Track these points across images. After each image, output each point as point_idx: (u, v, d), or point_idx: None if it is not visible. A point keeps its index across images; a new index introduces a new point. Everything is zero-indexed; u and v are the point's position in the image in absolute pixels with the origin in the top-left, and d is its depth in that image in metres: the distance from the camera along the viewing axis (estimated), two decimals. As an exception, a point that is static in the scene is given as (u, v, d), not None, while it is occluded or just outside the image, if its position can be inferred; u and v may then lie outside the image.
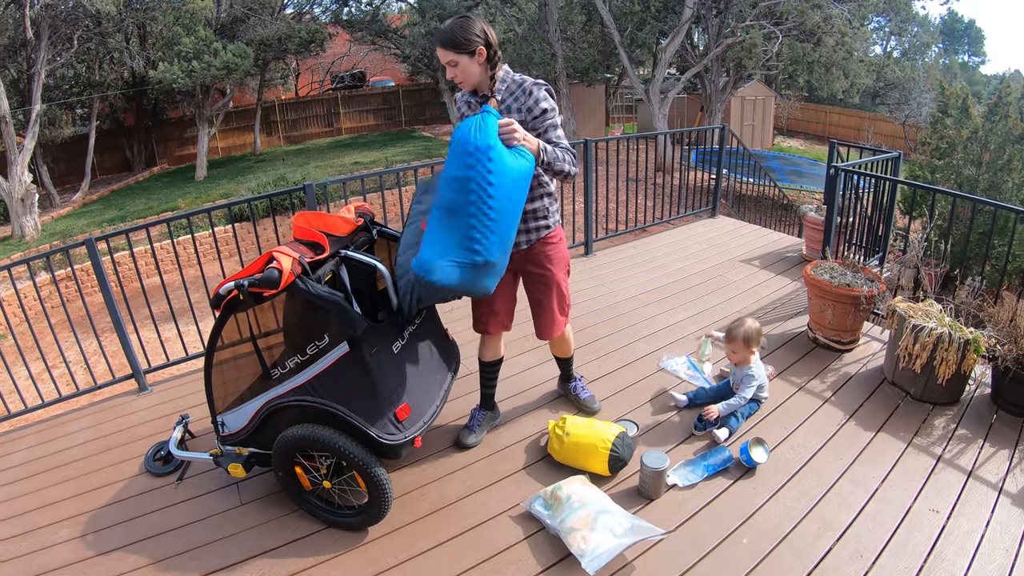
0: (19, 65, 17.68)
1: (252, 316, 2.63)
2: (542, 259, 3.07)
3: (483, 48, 2.67)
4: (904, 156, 6.33)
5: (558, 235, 3.11)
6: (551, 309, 3.16)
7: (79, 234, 15.69)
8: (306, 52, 22.88)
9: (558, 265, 3.10)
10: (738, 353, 3.48)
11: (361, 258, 2.81)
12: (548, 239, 3.05)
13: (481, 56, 2.68)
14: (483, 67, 2.73)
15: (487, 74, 2.76)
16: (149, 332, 5.03)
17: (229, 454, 2.94)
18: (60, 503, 3.29)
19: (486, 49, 2.69)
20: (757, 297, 5.12)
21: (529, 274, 3.12)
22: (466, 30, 2.65)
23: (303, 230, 2.75)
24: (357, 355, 2.52)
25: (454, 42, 2.65)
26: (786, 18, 17.10)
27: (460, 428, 3.50)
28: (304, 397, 2.62)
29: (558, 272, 3.11)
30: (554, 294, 3.13)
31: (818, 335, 4.30)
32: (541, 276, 3.10)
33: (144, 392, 4.43)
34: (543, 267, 3.08)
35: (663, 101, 18.65)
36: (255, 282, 2.42)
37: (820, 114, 30.20)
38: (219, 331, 2.68)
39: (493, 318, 3.22)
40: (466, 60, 2.68)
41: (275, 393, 2.68)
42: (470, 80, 2.76)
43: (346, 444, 2.57)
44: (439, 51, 2.69)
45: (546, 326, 3.21)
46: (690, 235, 6.84)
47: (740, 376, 3.51)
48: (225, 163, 24.24)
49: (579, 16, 21.80)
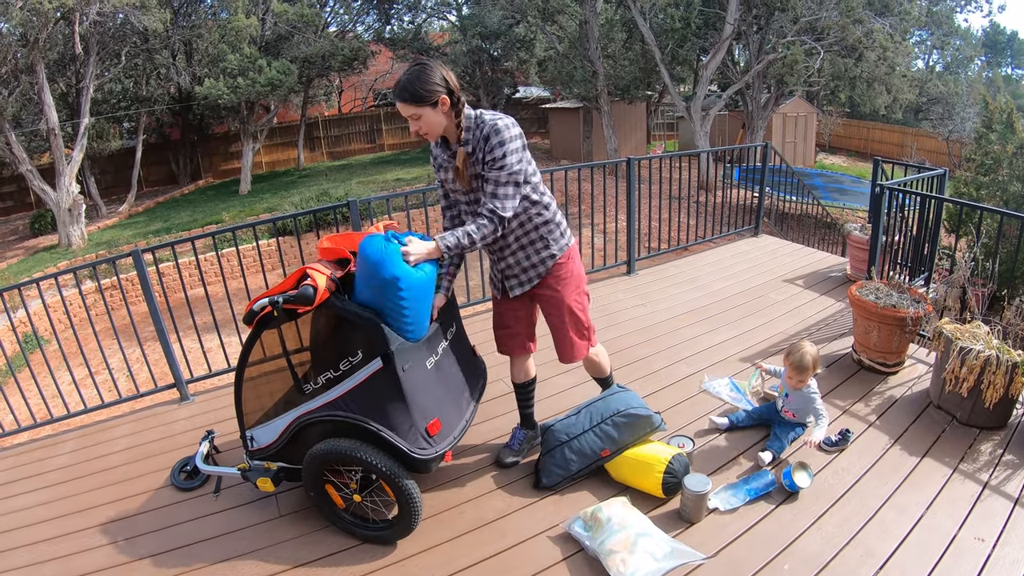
0: (68, 79, 18.16)
1: (284, 332, 2.65)
2: (551, 280, 3.00)
3: (445, 96, 2.58)
4: (949, 173, 6.20)
5: (568, 255, 3.02)
6: (564, 332, 3.07)
7: (124, 244, 16.04)
8: (349, 69, 23.11)
9: (568, 285, 3.01)
10: (795, 378, 3.38)
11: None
12: (557, 263, 2.98)
13: (444, 105, 2.59)
14: (447, 115, 2.63)
15: (452, 121, 2.67)
16: (192, 342, 5.11)
17: (257, 468, 2.96)
18: (99, 508, 3.35)
19: (448, 97, 2.59)
20: (801, 318, 5.03)
21: (540, 297, 3.07)
22: (425, 81, 2.54)
23: (329, 250, 2.75)
24: (390, 371, 2.52)
25: (414, 95, 2.55)
26: (827, 33, 16.94)
27: (500, 446, 3.48)
28: (336, 412, 2.63)
29: (568, 294, 3.01)
30: (566, 316, 3.04)
31: (863, 357, 4.21)
32: (550, 298, 3.02)
33: (186, 402, 4.50)
34: (552, 288, 3.00)
35: (705, 118, 18.55)
36: (290, 299, 2.44)
37: (862, 130, 29.78)
38: (251, 347, 2.71)
39: (513, 340, 3.20)
40: (429, 111, 2.59)
41: (307, 408, 2.70)
42: (435, 131, 2.67)
43: (375, 456, 2.58)
44: (399, 105, 2.59)
45: (562, 350, 3.13)
46: (733, 254, 6.77)
47: (799, 400, 3.41)
48: (269, 178, 24.65)
49: (620, 34, 21.79)
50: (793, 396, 3.44)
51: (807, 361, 3.33)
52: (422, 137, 2.72)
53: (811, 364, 3.33)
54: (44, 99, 15.41)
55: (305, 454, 2.72)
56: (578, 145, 24.13)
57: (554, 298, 3.02)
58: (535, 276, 2.98)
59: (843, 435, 3.37)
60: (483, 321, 5.16)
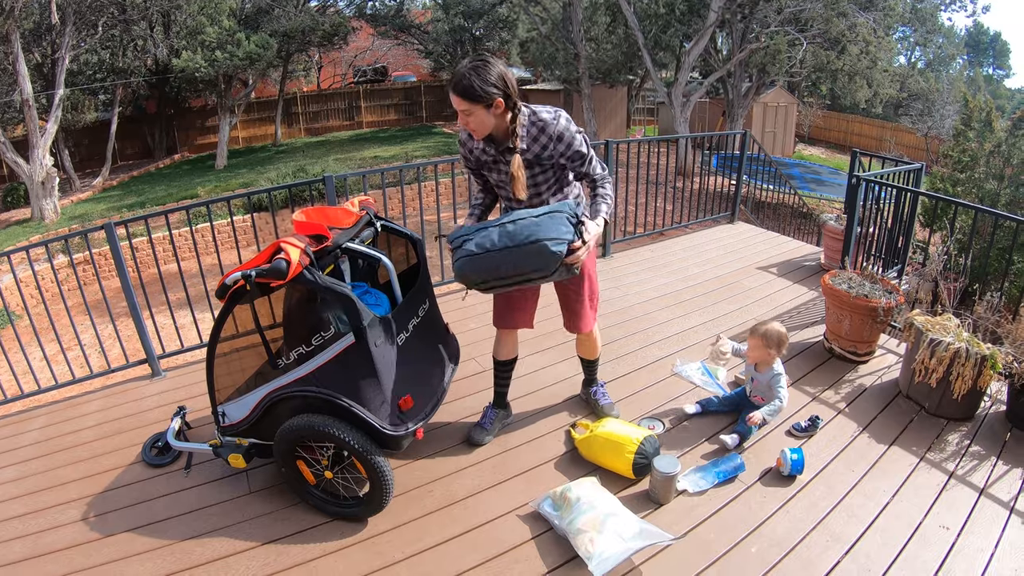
0: (44, 49, 17.80)
1: (256, 307, 2.64)
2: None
3: (501, 100, 2.52)
4: (926, 168, 6.27)
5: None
6: (581, 303, 3.13)
7: (98, 218, 15.82)
8: (329, 45, 22.96)
9: (588, 258, 3.06)
10: (757, 351, 3.40)
11: (365, 251, 2.81)
12: None
13: (499, 108, 2.54)
14: (500, 117, 2.59)
15: (507, 125, 2.64)
16: (164, 318, 5.07)
17: (229, 444, 2.95)
18: (69, 484, 3.31)
19: (504, 100, 2.54)
20: (773, 305, 5.07)
21: None
22: (484, 80, 2.47)
23: (304, 224, 2.74)
24: (362, 346, 2.52)
25: (469, 93, 2.48)
26: (811, 25, 17.01)
27: (472, 425, 3.49)
28: (308, 387, 2.62)
29: (588, 264, 3.07)
30: (584, 286, 3.09)
31: (834, 345, 4.25)
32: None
33: (157, 377, 4.46)
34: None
35: (685, 104, 18.59)
36: (263, 272, 2.43)
37: (842, 123, 29.99)
38: (223, 321, 2.69)
39: (513, 314, 3.19)
40: (482, 111, 2.53)
41: (278, 383, 2.69)
42: (484, 130, 2.62)
43: (347, 432, 2.58)
44: (452, 97, 2.54)
45: (576, 319, 3.18)
46: (708, 240, 6.79)
47: (764, 380, 3.44)
48: (245, 153, 24.42)
49: (603, 17, 21.77)
50: (758, 379, 3.47)
51: (766, 332, 3.37)
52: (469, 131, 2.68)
53: (774, 338, 3.37)
54: (18, 69, 15.12)
55: (277, 430, 2.71)
56: (558, 127, 24.01)
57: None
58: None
59: (812, 421, 3.42)
60: (453, 300, 5.18)
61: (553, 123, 2.66)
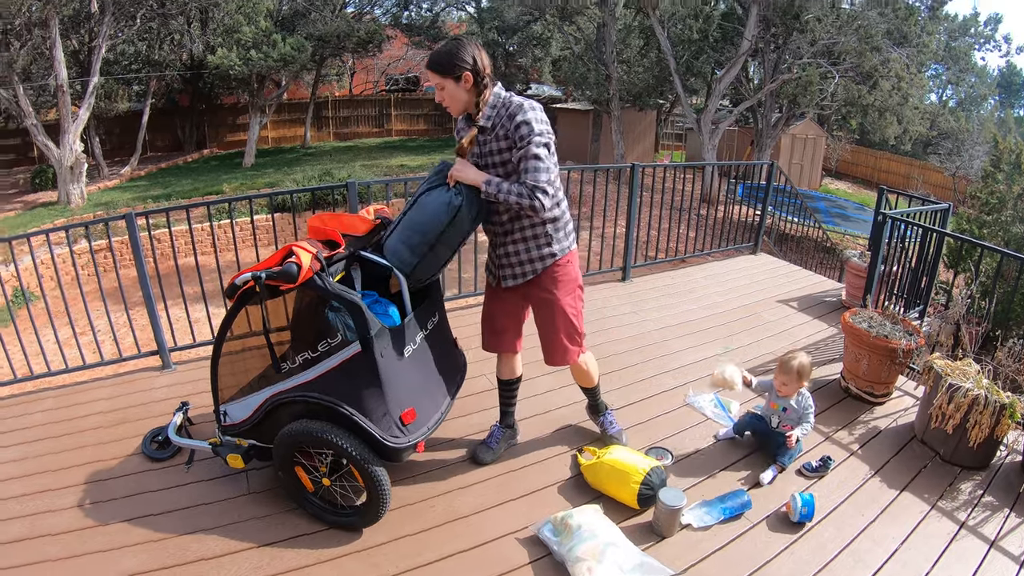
0: (81, 37, 18.08)
1: (265, 309, 2.63)
2: (547, 282, 2.96)
3: (469, 74, 2.65)
4: (952, 208, 6.18)
5: (568, 258, 2.99)
6: (555, 334, 3.04)
7: (123, 207, 15.96)
8: (363, 52, 23.08)
9: (563, 288, 2.98)
10: (791, 386, 3.35)
11: (377, 259, 2.77)
12: (556, 264, 2.95)
13: (467, 82, 2.67)
14: (470, 93, 2.70)
15: (474, 99, 2.73)
16: (179, 311, 5.07)
17: (229, 444, 2.94)
18: (71, 469, 3.33)
19: (473, 76, 2.66)
20: (792, 339, 5.00)
21: (533, 297, 3.04)
22: (454, 55, 2.64)
23: (318, 229, 2.74)
24: (368, 356, 2.50)
25: (439, 65, 2.66)
26: (843, 58, 16.93)
27: (477, 443, 3.44)
28: (310, 393, 2.61)
29: (563, 296, 2.98)
30: (558, 319, 3.01)
31: (851, 385, 4.18)
32: (544, 299, 3.00)
33: (167, 370, 4.47)
34: (547, 290, 2.97)
35: (714, 132, 18.55)
36: (273, 275, 2.42)
37: (870, 158, 29.74)
38: (231, 321, 2.69)
39: (496, 337, 3.19)
40: (451, 84, 2.67)
41: (281, 387, 2.67)
42: (456, 105, 2.74)
43: (347, 440, 2.56)
44: (428, 73, 2.71)
45: (549, 352, 3.11)
46: (730, 270, 6.74)
47: (796, 411, 3.37)
48: (273, 153, 24.62)
49: (637, 40, 21.79)
50: (791, 409, 3.40)
51: (792, 365, 3.32)
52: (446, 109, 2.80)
53: (803, 369, 3.31)
54: (55, 55, 15.36)
55: (277, 433, 2.69)
56: (585, 147, 24.11)
57: (548, 300, 2.99)
58: (530, 271, 2.94)
59: (824, 462, 3.35)
60: (472, 315, 5.14)
61: (519, 109, 2.67)
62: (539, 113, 2.69)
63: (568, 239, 2.98)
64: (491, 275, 3.12)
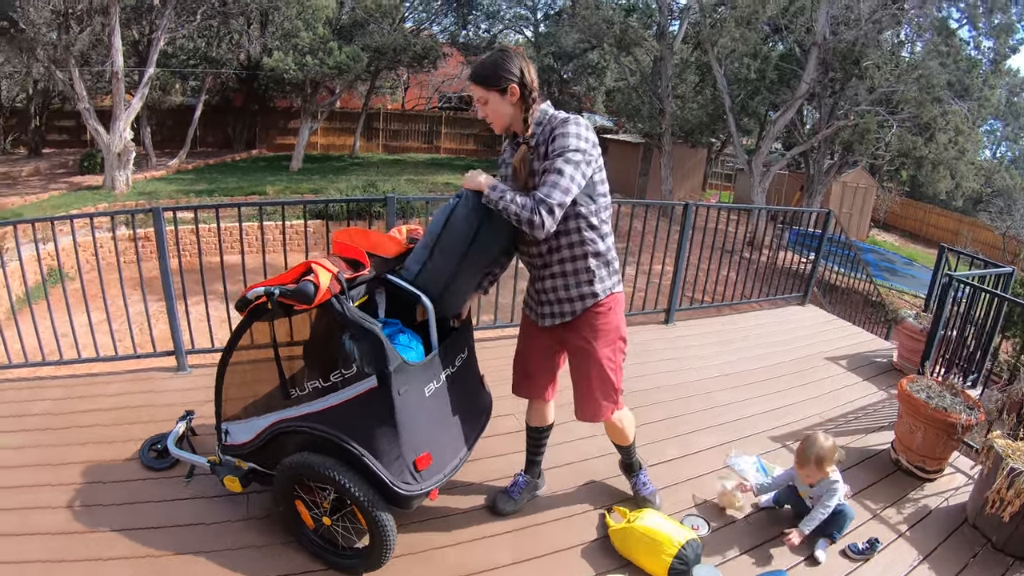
0: (142, 28, 18.38)
1: (276, 327, 2.43)
2: (585, 329, 2.67)
3: (516, 87, 2.43)
4: (1012, 272, 5.87)
5: (610, 303, 2.67)
6: (587, 388, 2.74)
7: (166, 198, 16.15)
8: (418, 67, 23.24)
9: (602, 338, 2.67)
10: (812, 477, 3.05)
11: (404, 285, 2.51)
12: (596, 307, 2.65)
13: (513, 95, 2.44)
14: (516, 107, 2.48)
15: (520, 115, 2.50)
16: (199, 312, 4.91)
17: (228, 465, 2.73)
18: (69, 466, 3.20)
19: (519, 89, 2.44)
20: (840, 402, 4.67)
21: (569, 343, 2.76)
22: (499, 66, 2.43)
23: (343, 246, 2.50)
24: (385, 392, 2.26)
25: (483, 77, 2.46)
26: (901, 108, 16.51)
27: (498, 491, 3.16)
28: (318, 425, 2.38)
29: (601, 347, 2.67)
30: (592, 372, 2.70)
31: (901, 458, 3.85)
32: (579, 349, 2.71)
33: (182, 372, 4.36)
34: (584, 338, 2.68)
35: (765, 174, 18.26)
36: (288, 293, 2.21)
37: (919, 212, 28.98)
38: (239, 336, 2.48)
39: (528, 381, 2.92)
40: (496, 98, 2.46)
41: (288, 415, 2.45)
42: (500, 120, 2.52)
43: (352, 481, 2.33)
44: (470, 86, 2.51)
45: (581, 406, 2.81)
46: (777, 320, 6.46)
47: (820, 493, 3.07)
48: (321, 159, 24.80)
49: (692, 76, 21.64)
50: (815, 495, 3.11)
51: (809, 454, 3.00)
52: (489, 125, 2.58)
53: (822, 458, 2.99)
54: (113, 42, 15.59)
55: (280, 461, 2.47)
56: (633, 180, 23.95)
57: (584, 350, 2.70)
58: (569, 311, 2.66)
59: (871, 544, 3.04)
60: (506, 347, 4.90)
61: (562, 123, 2.43)
62: (583, 129, 2.42)
63: (612, 279, 2.67)
64: (530, 311, 2.85)
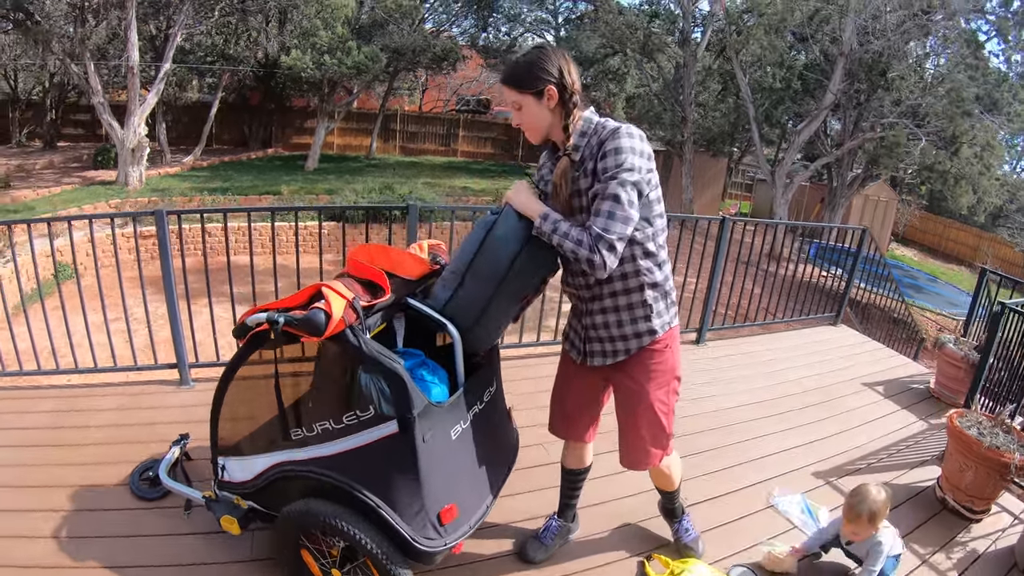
0: (159, 23, 18.24)
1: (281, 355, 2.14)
2: (636, 369, 2.34)
3: (554, 89, 2.10)
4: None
5: (666, 340, 2.34)
6: (636, 434, 2.42)
7: (179, 196, 16.02)
8: (437, 68, 23.10)
9: (656, 379, 2.34)
10: (861, 534, 2.70)
11: (429, 312, 2.21)
12: (651, 345, 2.31)
13: (551, 99, 2.11)
14: (554, 113, 2.14)
15: (560, 122, 2.16)
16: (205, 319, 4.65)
17: (225, 502, 2.44)
18: (59, 489, 2.96)
19: (558, 91, 2.11)
20: (880, 433, 4.38)
21: (617, 381, 2.43)
22: (535, 65, 2.10)
23: (360, 267, 2.20)
24: (407, 439, 1.98)
25: (516, 78, 2.13)
26: (928, 120, 16.15)
27: (528, 536, 2.85)
28: (328, 472, 2.10)
29: (654, 390, 2.34)
30: (642, 416, 2.38)
31: (948, 496, 3.58)
32: (628, 390, 2.38)
33: (184, 386, 4.11)
34: (633, 379, 2.35)
35: (788, 186, 17.92)
36: (294, 322, 1.92)
37: (938, 226, 28.41)
38: (238, 366, 2.19)
39: (567, 423, 2.60)
40: (531, 102, 2.13)
41: (292, 457, 2.17)
42: (537, 128, 2.19)
43: (368, 534, 2.04)
44: (504, 91, 2.18)
45: (627, 452, 2.48)
46: (810, 341, 6.18)
47: (863, 551, 2.76)
48: (337, 159, 24.65)
49: (715, 84, 21.34)
50: (857, 551, 2.80)
51: (861, 510, 2.64)
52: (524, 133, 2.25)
53: (875, 514, 2.64)
54: (129, 37, 15.46)
55: (282, 505, 2.19)
56: (653, 189, 23.63)
57: (635, 392, 2.36)
58: (622, 350, 2.31)
59: None
60: (532, 367, 4.68)
61: (612, 134, 2.08)
62: (637, 141, 2.07)
63: (670, 312, 2.34)
64: (573, 348, 2.50)
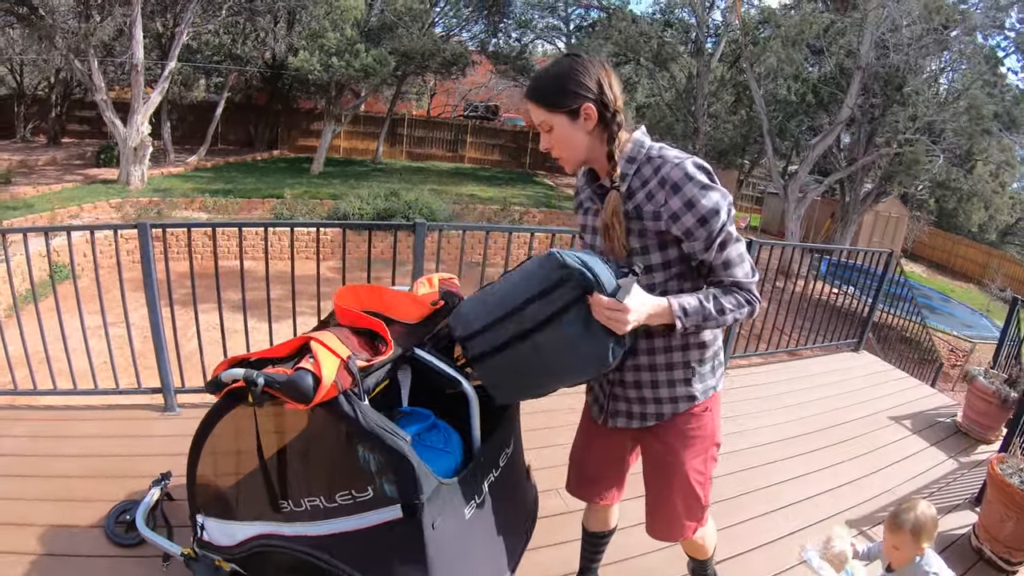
0: (166, 21, 18.12)
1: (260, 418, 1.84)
2: (671, 435, 1.96)
3: (592, 107, 1.68)
4: (1024, 306, 5.47)
5: (707, 404, 1.96)
6: (668, 505, 2.05)
7: (181, 196, 15.88)
8: (446, 73, 22.99)
9: (693, 448, 1.97)
10: (906, 550, 2.33)
11: (439, 367, 1.89)
12: (691, 411, 1.94)
13: (589, 119, 1.70)
14: (593, 136, 1.73)
15: (603, 147, 1.75)
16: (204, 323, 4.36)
17: (205, 563, 2.14)
18: (28, 528, 2.69)
19: (598, 109, 1.69)
20: (912, 474, 4.09)
21: (646, 446, 2.07)
22: (567, 78, 1.68)
23: (352, 315, 1.88)
24: (413, 525, 1.66)
25: (544, 94, 1.71)
26: (943, 137, 15.92)
27: None
28: (318, 553, 1.79)
29: (690, 459, 1.97)
30: (675, 487, 2.00)
31: (985, 547, 3.33)
32: (663, 458, 2.01)
33: (170, 413, 3.85)
34: (666, 445, 1.98)
35: (801, 200, 17.67)
36: (276, 384, 1.60)
37: (947, 243, 28.09)
38: (213, 423, 1.89)
39: (588, 486, 2.24)
40: (564, 122, 1.71)
41: (278, 531, 1.87)
42: (571, 154, 1.77)
43: None
44: (529, 107, 1.75)
45: (656, 522, 2.12)
46: (830, 370, 5.85)
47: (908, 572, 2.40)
48: (343, 163, 24.48)
49: (727, 95, 21.13)
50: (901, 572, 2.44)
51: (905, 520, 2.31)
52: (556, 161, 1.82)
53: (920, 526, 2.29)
54: (134, 34, 15.34)
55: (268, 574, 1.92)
56: (662, 203, 23.51)
57: (668, 461, 1.99)
58: (652, 414, 1.95)
59: None
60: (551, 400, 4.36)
61: (673, 164, 1.67)
62: (712, 176, 1.69)
63: (716, 374, 1.98)
64: (595, 403, 2.11)
